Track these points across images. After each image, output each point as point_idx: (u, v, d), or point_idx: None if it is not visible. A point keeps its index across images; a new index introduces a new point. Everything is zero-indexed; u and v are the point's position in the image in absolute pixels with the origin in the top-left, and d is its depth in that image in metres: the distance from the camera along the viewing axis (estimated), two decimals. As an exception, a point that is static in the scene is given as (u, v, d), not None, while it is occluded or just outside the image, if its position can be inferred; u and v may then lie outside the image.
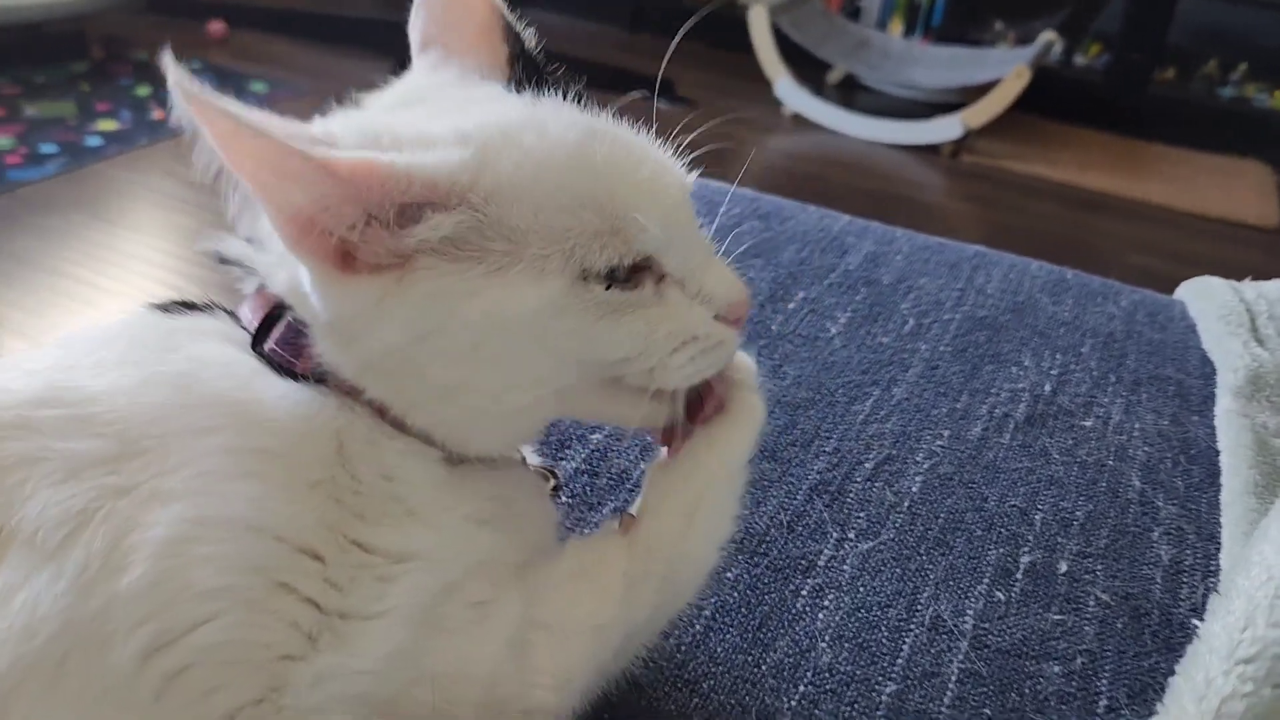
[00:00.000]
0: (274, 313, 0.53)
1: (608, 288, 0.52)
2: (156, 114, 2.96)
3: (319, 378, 0.52)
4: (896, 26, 3.93)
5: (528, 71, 0.59)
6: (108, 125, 2.88)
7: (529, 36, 0.61)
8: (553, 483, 0.65)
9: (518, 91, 0.57)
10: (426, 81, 0.59)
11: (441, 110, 0.55)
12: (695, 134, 0.59)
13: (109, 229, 2.43)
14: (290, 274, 0.52)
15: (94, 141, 2.78)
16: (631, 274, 0.53)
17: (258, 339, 0.53)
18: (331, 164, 0.46)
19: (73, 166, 2.65)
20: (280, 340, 0.53)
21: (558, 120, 0.54)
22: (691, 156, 0.58)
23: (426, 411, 0.53)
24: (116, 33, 3.51)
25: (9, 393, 0.47)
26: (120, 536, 0.43)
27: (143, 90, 3.13)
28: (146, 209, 2.57)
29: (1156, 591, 0.75)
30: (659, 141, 0.58)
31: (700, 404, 0.59)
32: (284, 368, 0.52)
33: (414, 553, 0.50)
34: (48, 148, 2.71)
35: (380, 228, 0.48)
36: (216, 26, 3.54)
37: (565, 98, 0.57)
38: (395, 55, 0.62)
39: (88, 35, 3.39)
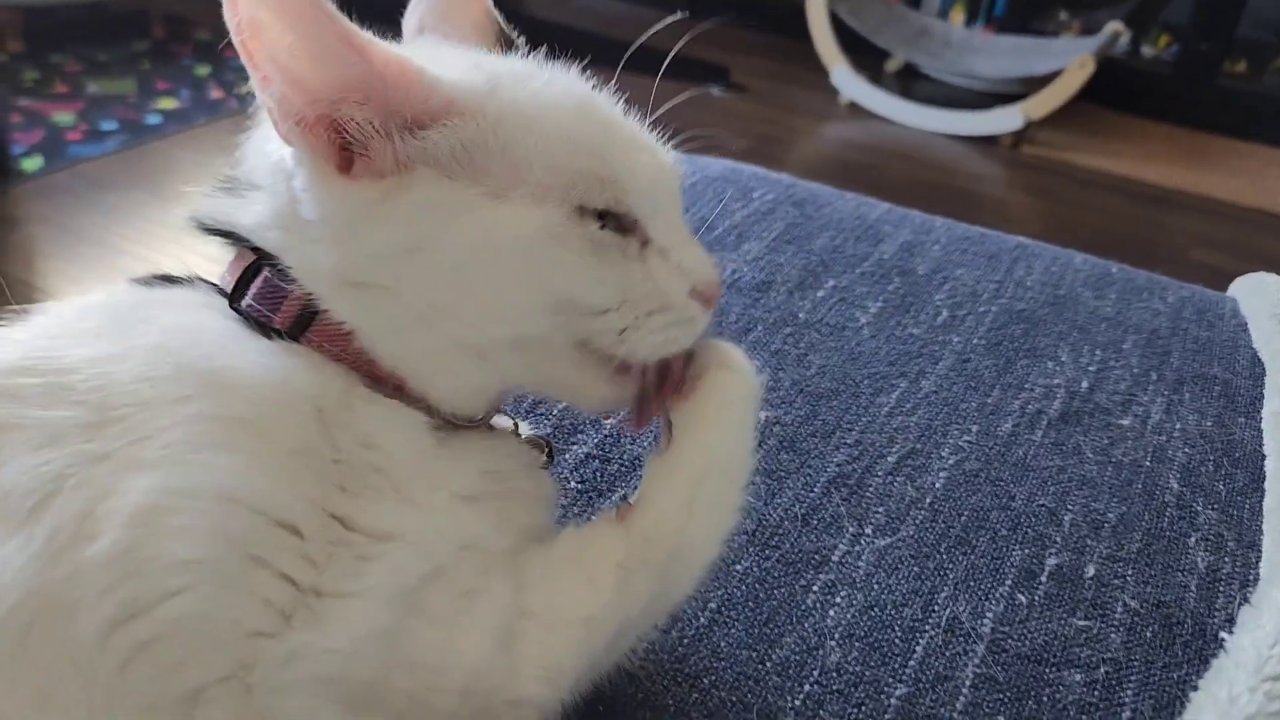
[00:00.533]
0: (250, 270, 0.53)
1: (601, 227, 0.53)
2: (215, 93, 2.99)
3: (295, 334, 0.52)
4: (958, 15, 3.85)
5: None
6: (167, 103, 2.92)
7: (520, 42, 0.62)
8: (546, 453, 0.63)
9: None
10: (427, 49, 0.60)
11: (451, 56, 0.57)
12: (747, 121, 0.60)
13: (166, 207, 2.46)
14: (276, 190, 0.52)
15: (153, 119, 2.82)
16: (620, 229, 0.54)
17: (234, 297, 0.53)
18: (370, 50, 0.48)
19: (132, 144, 2.69)
20: (257, 295, 0.52)
21: (565, 75, 0.57)
22: (739, 142, 0.60)
23: (396, 342, 0.52)
24: (178, 12, 3.56)
25: None
26: (93, 504, 0.42)
27: (202, 70, 3.17)
28: (202, 187, 2.60)
29: (1190, 600, 0.72)
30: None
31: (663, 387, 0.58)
32: (261, 324, 0.52)
33: (396, 533, 0.49)
34: (108, 124, 2.76)
35: (388, 134, 0.50)
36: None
37: None
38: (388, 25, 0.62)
39: (150, 14, 3.45)
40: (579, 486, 0.74)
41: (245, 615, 0.44)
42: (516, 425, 0.63)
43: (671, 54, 0.63)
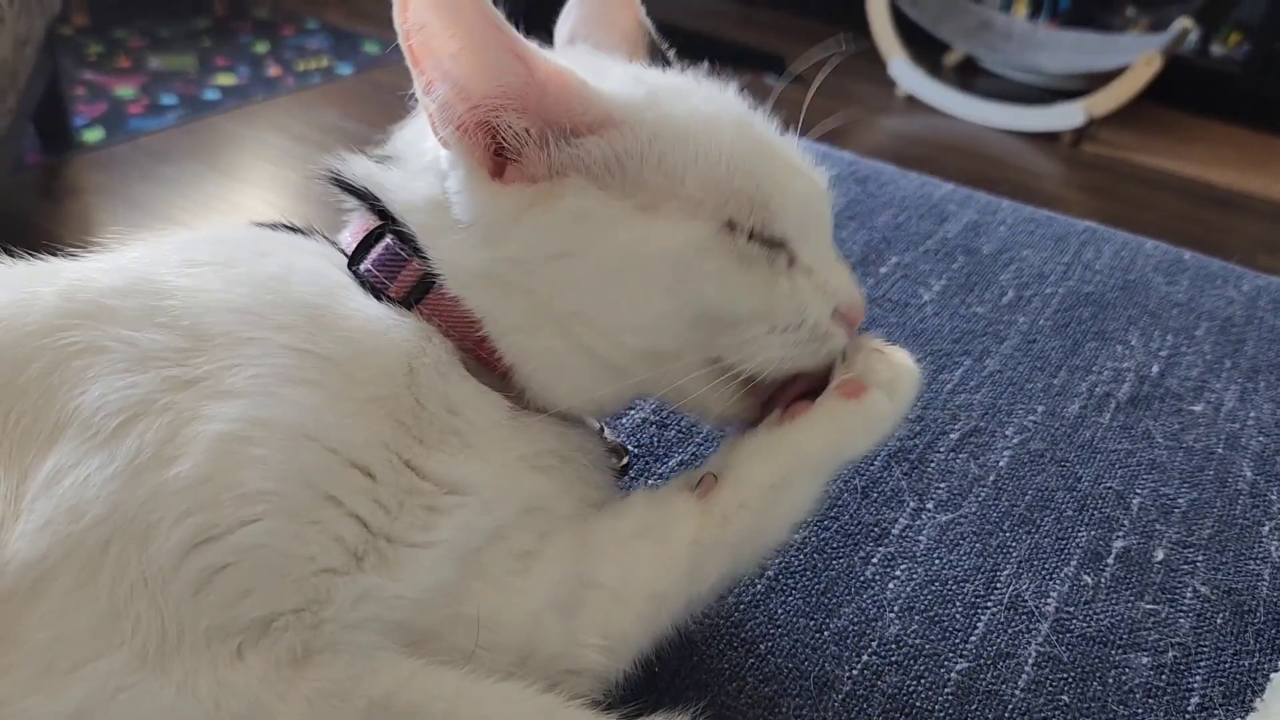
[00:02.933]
0: (373, 236, 0.53)
1: (750, 240, 0.53)
2: (273, 70, 3.01)
3: (409, 303, 0.52)
4: (1021, 8, 3.79)
5: None
6: (226, 80, 2.95)
7: (671, 55, 0.63)
8: (623, 460, 0.63)
9: None
10: (583, 58, 0.59)
11: (613, 69, 0.58)
12: (805, 109, 0.61)
13: (222, 180, 2.48)
14: (429, 184, 0.53)
15: (212, 95, 2.85)
16: (769, 246, 0.54)
17: (354, 260, 0.53)
18: (533, 60, 0.48)
19: (190, 118, 2.72)
20: (377, 261, 0.53)
21: (723, 92, 0.58)
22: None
23: (526, 338, 0.52)
24: (240, -9, 3.59)
25: (90, 281, 0.47)
26: (176, 429, 0.42)
27: (261, 47, 3.19)
28: (258, 162, 2.62)
29: (1264, 589, 0.69)
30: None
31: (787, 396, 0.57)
32: (375, 289, 0.52)
33: (465, 484, 0.48)
34: (168, 99, 2.78)
35: (546, 141, 0.50)
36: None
37: None
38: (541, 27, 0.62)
39: (213, -7, 3.48)
40: (636, 450, 0.73)
41: (317, 550, 0.43)
42: (603, 428, 0.63)
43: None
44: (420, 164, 0.54)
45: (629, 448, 0.67)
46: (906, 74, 3.39)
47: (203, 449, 0.42)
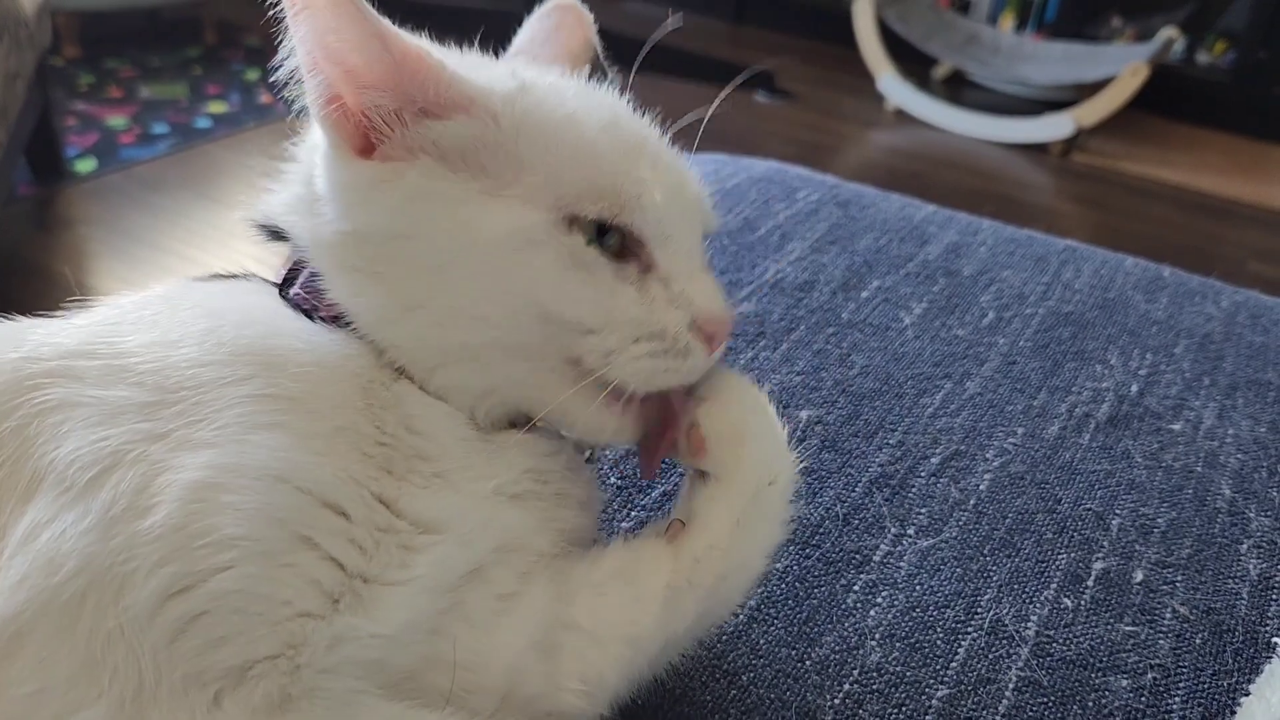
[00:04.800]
0: (297, 267, 0.55)
1: (589, 243, 0.52)
2: (264, 98, 3.03)
3: (338, 321, 0.53)
4: (1008, 21, 3.81)
5: None
6: (217, 107, 2.97)
7: (614, 75, 0.63)
8: (586, 453, 0.63)
9: None
10: (477, 59, 0.60)
11: (497, 66, 0.58)
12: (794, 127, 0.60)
13: (214, 208, 2.50)
14: (301, 182, 0.55)
15: (203, 123, 2.87)
16: (621, 251, 0.53)
17: (284, 287, 0.54)
18: (391, 40, 0.49)
19: (182, 146, 2.73)
20: (304, 283, 0.54)
21: (603, 93, 0.58)
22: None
23: (389, 329, 0.52)
24: (230, 18, 3.62)
25: (55, 344, 0.48)
26: (149, 479, 0.43)
27: (252, 74, 3.21)
28: (250, 190, 2.64)
29: (1242, 608, 0.70)
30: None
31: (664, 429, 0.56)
32: (307, 311, 0.53)
33: (440, 524, 0.49)
34: (159, 128, 2.80)
35: (403, 120, 0.51)
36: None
37: None
38: (499, 46, 0.64)
39: (203, 20, 3.50)
40: (618, 483, 0.74)
41: (293, 595, 0.44)
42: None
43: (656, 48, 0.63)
44: (296, 171, 0.56)
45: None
46: (895, 89, 3.41)
47: (175, 497, 0.43)
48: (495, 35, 0.56)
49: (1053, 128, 3.21)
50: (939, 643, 0.65)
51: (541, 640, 0.51)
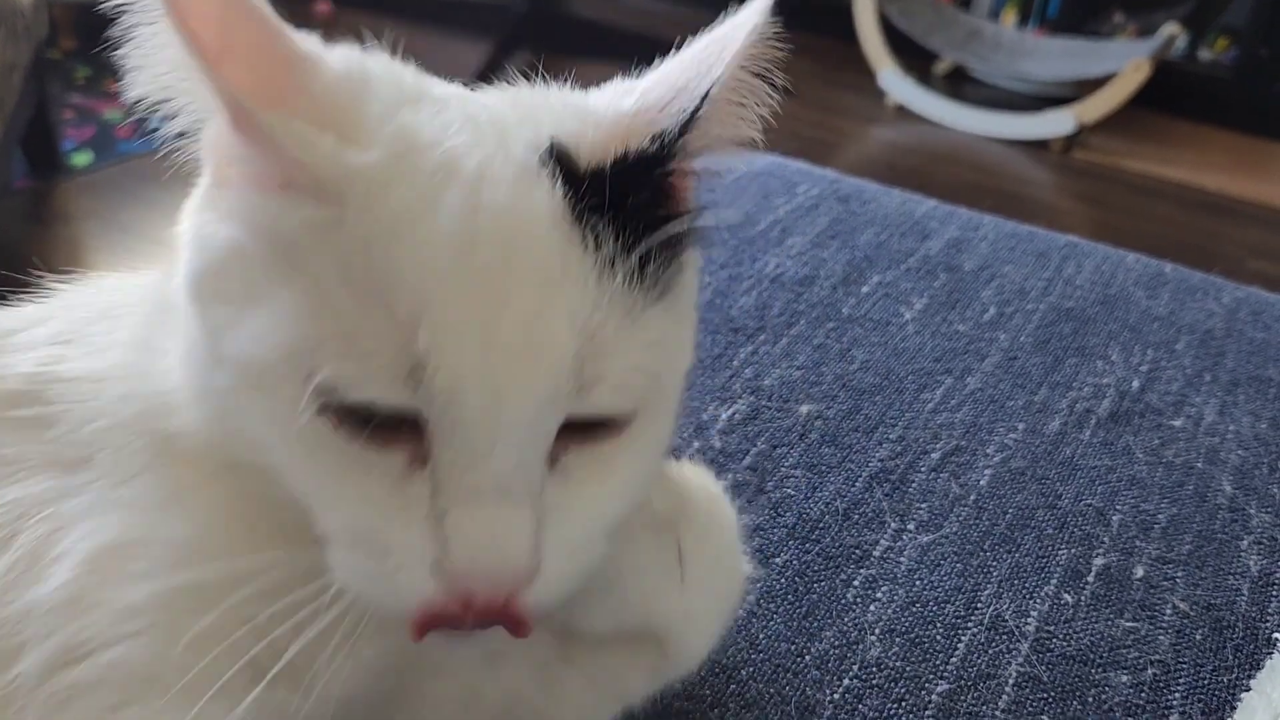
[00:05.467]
0: None
1: (322, 411, 0.37)
2: (264, 92, 3.03)
3: None
4: (1010, 16, 3.80)
5: None
6: (217, 101, 2.96)
7: None
8: None
9: None
10: None
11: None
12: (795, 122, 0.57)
13: (213, 202, 2.49)
14: None
15: (203, 117, 2.86)
16: (389, 431, 0.37)
17: None
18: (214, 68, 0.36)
19: (181, 140, 2.73)
20: None
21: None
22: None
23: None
24: (230, 13, 3.60)
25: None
26: (51, 545, 0.41)
27: (252, 68, 3.20)
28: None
29: (1242, 604, 0.70)
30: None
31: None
32: None
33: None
34: (157, 121, 2.79)
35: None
36: (323, 7, 3.59)
37: None
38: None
39: (203, 14, 3.48)
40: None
41: (193, 661, 0.40)
42: None
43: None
44: None
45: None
46: (896, 84, 3.40)
47: (74, 564, 0.40)
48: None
49: (1054, 124, 3.20)
50: (939, 638, 0.65)
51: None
